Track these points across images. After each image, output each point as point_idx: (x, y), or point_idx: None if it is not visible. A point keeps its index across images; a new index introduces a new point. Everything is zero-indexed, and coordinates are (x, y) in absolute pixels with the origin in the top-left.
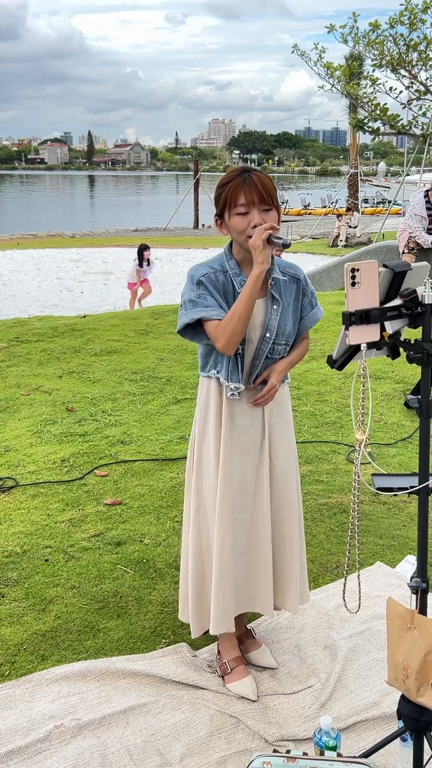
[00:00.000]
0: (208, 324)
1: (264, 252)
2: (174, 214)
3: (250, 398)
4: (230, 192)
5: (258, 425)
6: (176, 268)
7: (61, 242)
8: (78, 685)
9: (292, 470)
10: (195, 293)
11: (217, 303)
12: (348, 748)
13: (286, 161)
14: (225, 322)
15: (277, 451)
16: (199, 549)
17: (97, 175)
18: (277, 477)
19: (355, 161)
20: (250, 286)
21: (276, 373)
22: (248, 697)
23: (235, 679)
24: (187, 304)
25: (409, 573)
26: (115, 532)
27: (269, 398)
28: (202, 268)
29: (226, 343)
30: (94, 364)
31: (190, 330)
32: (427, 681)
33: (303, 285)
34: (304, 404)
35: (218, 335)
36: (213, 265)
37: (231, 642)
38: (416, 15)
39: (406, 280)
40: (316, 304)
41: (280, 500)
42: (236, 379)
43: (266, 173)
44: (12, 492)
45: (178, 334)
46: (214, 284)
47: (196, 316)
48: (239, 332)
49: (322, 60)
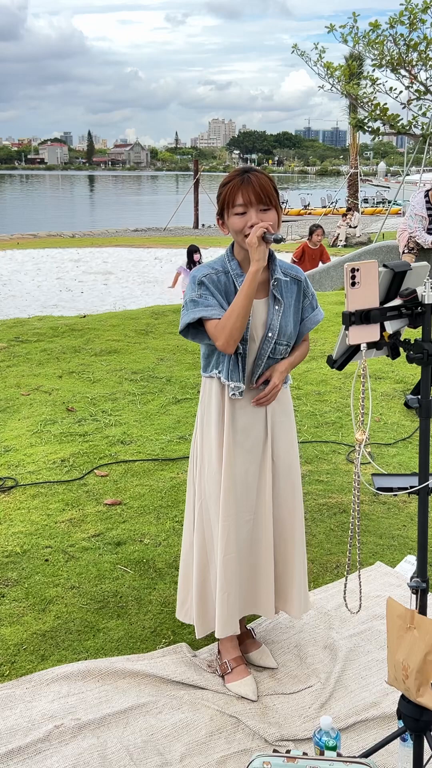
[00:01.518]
0: (209, 323)
1: (259, 249)
2: (174, 214)
3: (253, 398)
4: (229, 192)
5: (260, 425)
6: (176, 268)
7: (61, 242)
8: (78, 685)
9: (294, 471)
10: (196, 293)
11: (217, 303)
12: (348, 748)
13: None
14: (224, 320)
15: (279, 451)
16: (203, 550)
17: (97, 175)
18: (279, 477)
19: (355, 161)
20: (247, 283)
21: (278, 373)
22: (248, 697)
23: (235, 679)
24: (188, 304)
25: (409, 573)
26: (115, 532)
27: (272, 398)
28: (204, 268)
29: (226, 341)
30: (94, 364)
31: (192, 330)
32: (427, 681)
33: (304, 287)
34: (304, 404)
35: (217, 333)
36: (215, 265)
37: (231, 642)
38: (416, 15)
39: (406, 280)
40: (316, 306)
41: (282, 501)
42: (237, 379)
43: (268, 173)
44: (12, 492)
45: (181, 335)
46: (215, 285)
47: (197, 315)
48: (238, 329)
49: (322, 60)
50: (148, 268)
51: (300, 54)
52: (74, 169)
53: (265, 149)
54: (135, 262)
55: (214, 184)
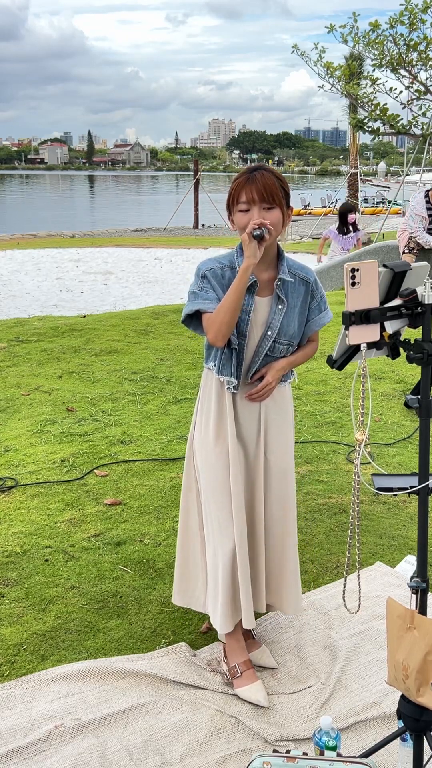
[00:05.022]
0: (204, 316)
1: (251, 246)
2: (174, 214)
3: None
4: (235, 189)
5: (254, 420)
6: (176, 268)
7: (61, 242)
8: (78, 685)
9: (287, 470)
10: (198, 286)
11: (216, 297)
12: (348, 748)
13: (286, 161)
14: (214, 314)
15: (272, 448)
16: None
17: (97, 175)
18: (271, 476)
19: (355, 161)
20: (237, 278)
21: (273, 371)
22: (260, 704)
23: (245, 684)
24: (190, 296)
25: (409, 573)
26: (115, 532)
27: (264, 395)
28: (209, 262)
29: (215, 335)
30: (94, 364)
31: (194, 321)
32: (427, 681)
33: (312, 288)
34: (304, 404)
35: (208, 326)
36: (222, 260)
37: (239, 644)
38: (416, 15)
39: (406, 280)
40: (324, 308)
41: (275, 500)
42: (228, 373)
43: (279, 173)
44: (12, 492)
45: (183, 324)
46: (218, 279)
47: (195, 307)
48: (226, 324)
49: (322, 60)
50: (148, 268)
51: (300, 54)
52: (74, 169)
53: (265, 149)
54: (135, 262)
55: (214, 184)
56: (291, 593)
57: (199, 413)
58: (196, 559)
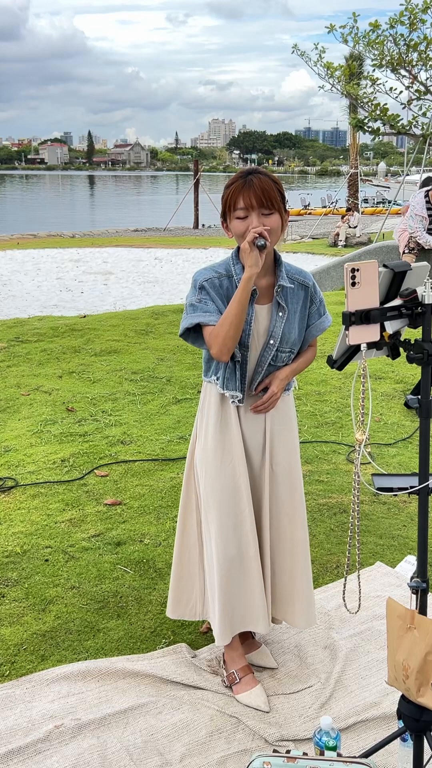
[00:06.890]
0: (205, 329)
1: (252, 255)
2: (174, 215)
3: (251, 405)
4: (231, 195)
5: (259, 432)
6: (176, 268)
7: (61, 242)
8: (78, 685)
9: (295, 480)
10: (196, 297)
11: (216, 309)
12: (348, 748)
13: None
14: (217, 327)
15: (278, 459)
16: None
17: (97, 175)
18: (278, 486)
19: (355, 161)
20: (240, 290)
21: (278, 381)
22: (261, 708)
23: (245, 690)
24: (188, 308)
25: (409, 573)
26: (115, 532)
27: (270, 406)
28: (206, 272)
29: (219, 350)
30: (94, 364)
31: (192, 334)
32: (427, 681)
33: (312, 292)
34: (304, 404)
35: (211, 341)
36: (218, 269)
37: (238, 651)
38: (416, 15)
39: (406, 280)
40: (324, 312)
41: (282, 510)
42: (233, 387)
43: (273, 175)
44: (12, 492)
45: (181, 338)
46: (216, 289)
47: (195, 321)
48: (231, 338)
49: (322, 60)
50: (148, 268)
51: (300, 54)
52: (74, 169)
53: (265, 149)
54: (135, 262)
55: (214, 184)
56: (302, 606)
57: (201, 428)
58: (193, 571)
